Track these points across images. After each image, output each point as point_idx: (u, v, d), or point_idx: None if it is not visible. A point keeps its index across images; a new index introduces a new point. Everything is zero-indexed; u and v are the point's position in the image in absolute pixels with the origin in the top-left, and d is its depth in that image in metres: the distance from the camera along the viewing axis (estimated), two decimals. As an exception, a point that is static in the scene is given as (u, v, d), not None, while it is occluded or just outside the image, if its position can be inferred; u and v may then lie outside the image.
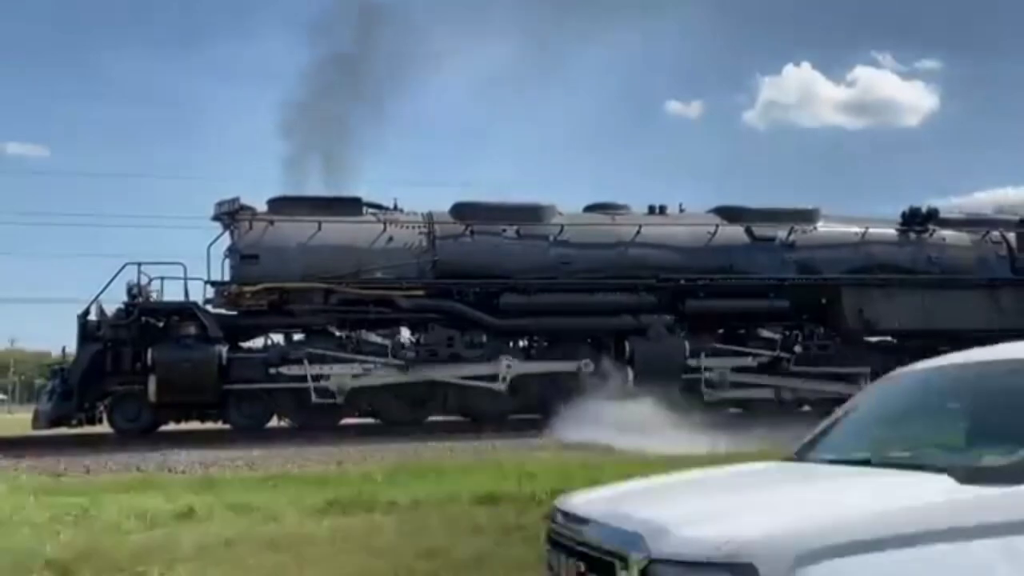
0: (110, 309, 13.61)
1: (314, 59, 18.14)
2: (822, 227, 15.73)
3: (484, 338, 13.94)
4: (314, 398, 13.10)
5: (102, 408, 13.40)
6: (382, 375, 13.34)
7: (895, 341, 15.89)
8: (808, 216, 15.78)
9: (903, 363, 13.38)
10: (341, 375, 13.12)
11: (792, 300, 15.07)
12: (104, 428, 13.34)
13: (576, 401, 13.38)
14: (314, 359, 13.21)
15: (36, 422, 13.11)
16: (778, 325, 15.03)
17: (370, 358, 13.42)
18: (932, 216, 16.23)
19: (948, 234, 16.22)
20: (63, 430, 13.11)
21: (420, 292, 13.79)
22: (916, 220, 16.20)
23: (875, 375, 14.50)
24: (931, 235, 16.10)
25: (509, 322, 14.02)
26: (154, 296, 13.87)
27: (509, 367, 13.64)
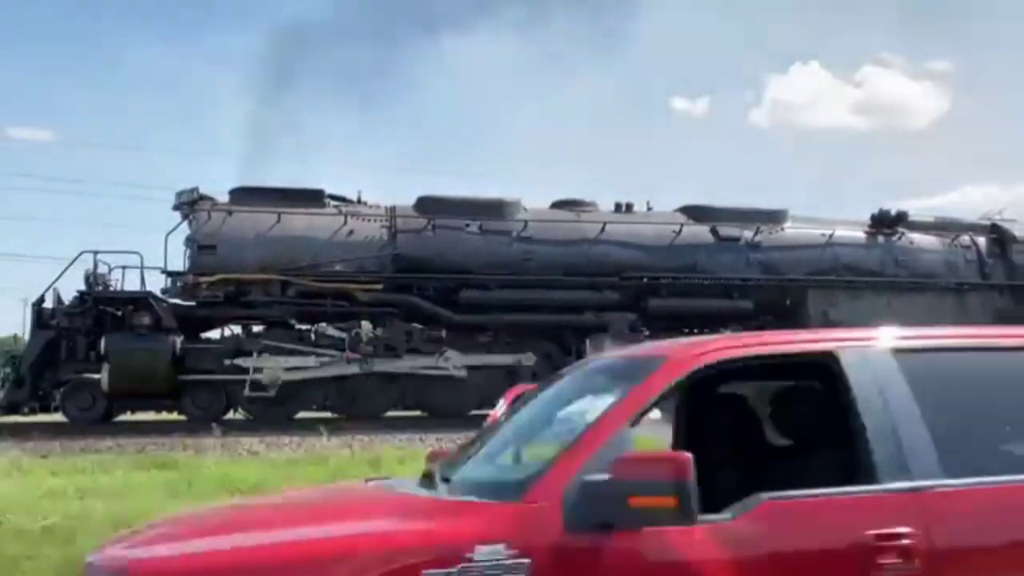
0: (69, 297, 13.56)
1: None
2: (789, 228, 15.66)
3: (443, 334, 13.89)
4: (247, 392, 12.99)
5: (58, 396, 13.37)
6: (319, 369, 13.21)
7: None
8: (775, 217, 15.71)
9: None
10: (273, 368, 12.99)
11: (756, 300, 15.01)
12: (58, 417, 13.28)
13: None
14: (269, 351, 13.14)
15: (-12, 409, 13.05)
16: (741, 325, 14.93)
17: (327, 351, 13.34)
18: (901, 219, 16.17)
19: (917, 237, 16.16)
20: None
21: (378, 286, 13.70)
22: (885, 222, 16.14)
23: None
24: (899, 238, 16.04)
25: (468, 318, 13.92)
26: (113, 285, 13.81)
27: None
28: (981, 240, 16.47)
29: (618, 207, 15.48)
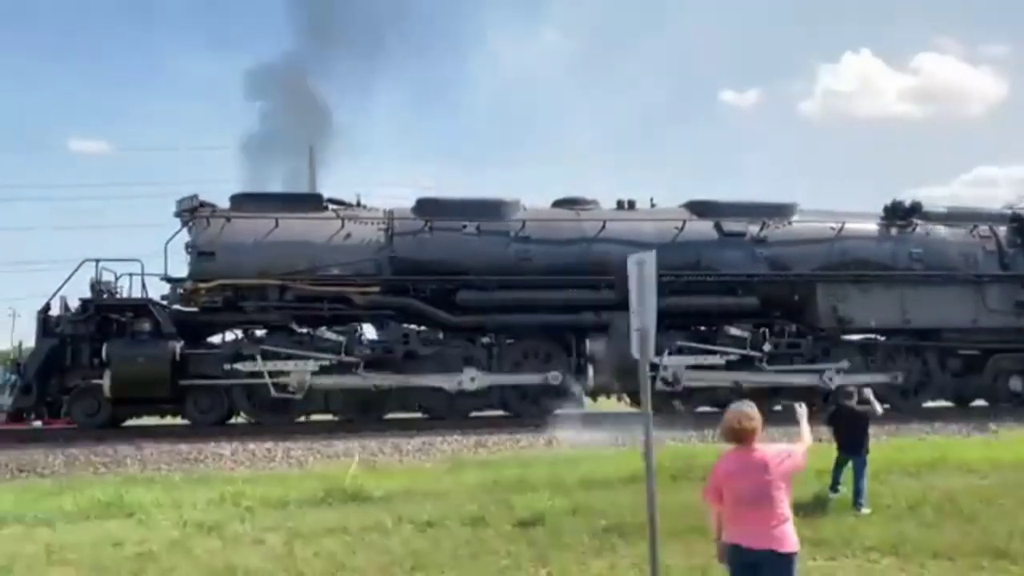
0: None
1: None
2: (797, 222, 15.29)
3: (440, 335, 13.86)
4: (273, 393, 13.13)
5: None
6: (338, 378, 13.32)
7: (882, 338, 15.36)
8: (783, 211, 15.35)
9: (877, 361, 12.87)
10: (300, 372, 13.11)
11: (762, 297, 14.67)
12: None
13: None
14: (268, 355, 13.24)
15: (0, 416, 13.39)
16: (748, 322, 14.62)
17: (324, 355, 13.38)
18: (915, 210, 15.67)
19: (932, 228, 15.64)
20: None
21: (375, 289, 13.71)
22: (898, 214, 15.66)
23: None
24: (913, 230, 15.53)
25: (466, 319, 13.87)
26: (119, 293, 14.04)
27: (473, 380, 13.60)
28: (1001, 230, 15.87)
29: (620, 204, 15.29)
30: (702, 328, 14.83)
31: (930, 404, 15.46)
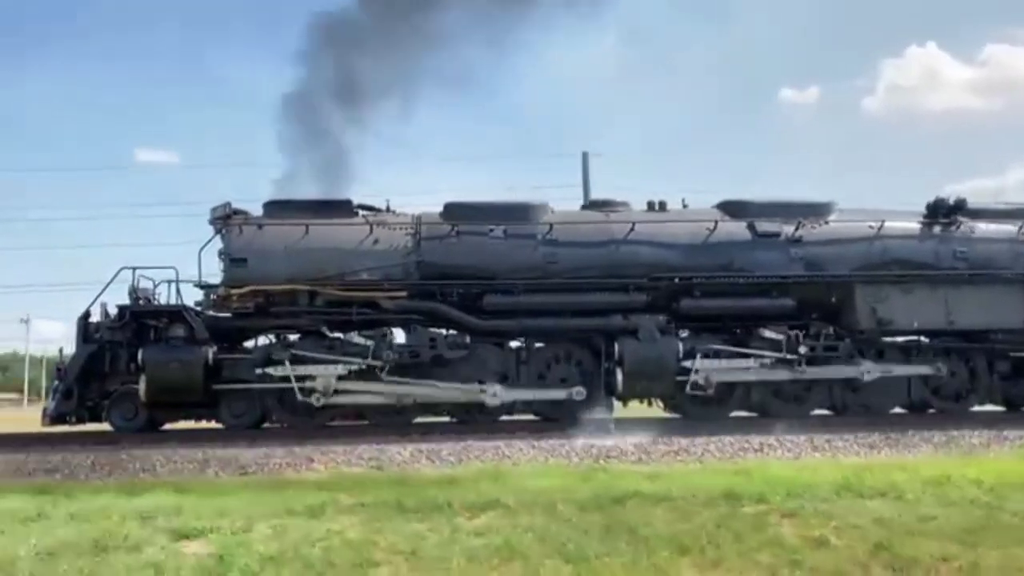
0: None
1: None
2: (834, 221, 14.89)
3: (467, 339, 13.87)
4: (299, 397, 13.31)
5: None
6: (363, 385, 13.46)
7: (926, 340, 14.86)
8: (819, 210, 14.96)
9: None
10: (326, 376, 13.29)
11: (797, 298, 14.31)
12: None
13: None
14: (297, 360, 13.43)
15: (44, 419, 13.83)
16: (783, 324, 14.28)
17: (353, 359, 13.51)
18: (959, 207, 15.11)
19: (978, 226, 15.07)
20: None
21: (403, 293, 13.79)
22: (941, 212, 15.12)
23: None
24: (958, 228, 14.99)
25: (492, 323, 13.85)
26: (161, 299, 14.39)
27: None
28: (1054, 227, 15.19)
29: (650, 206, 15.10)
30: (736, 331, 14.51)
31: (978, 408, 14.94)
